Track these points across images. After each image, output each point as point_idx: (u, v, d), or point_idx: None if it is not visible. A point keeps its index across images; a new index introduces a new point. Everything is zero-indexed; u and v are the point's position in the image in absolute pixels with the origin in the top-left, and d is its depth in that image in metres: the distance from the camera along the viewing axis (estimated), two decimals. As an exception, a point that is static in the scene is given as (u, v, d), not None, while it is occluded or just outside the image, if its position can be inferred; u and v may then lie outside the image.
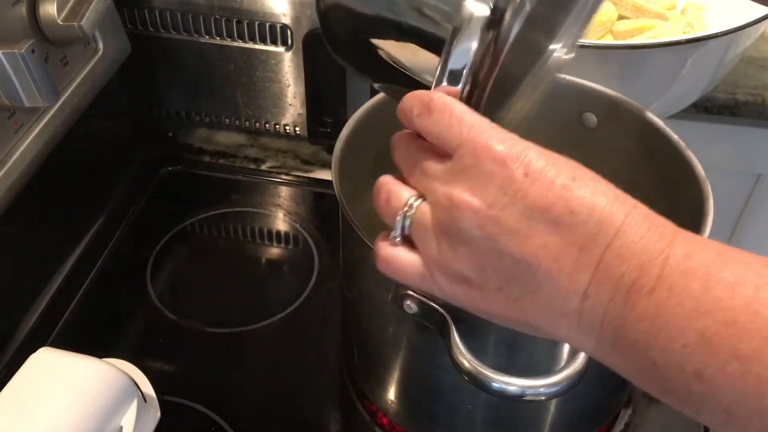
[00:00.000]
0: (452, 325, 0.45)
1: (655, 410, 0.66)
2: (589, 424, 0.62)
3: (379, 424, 0.64)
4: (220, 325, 0.71)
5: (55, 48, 0.65)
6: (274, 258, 0.81)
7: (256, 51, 0.82)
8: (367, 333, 0.60)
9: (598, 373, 0.51)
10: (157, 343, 0.70)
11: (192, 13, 0.80)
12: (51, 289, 0.73)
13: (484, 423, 0.57)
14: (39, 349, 0.54)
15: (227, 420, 0.63)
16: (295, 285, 0.76)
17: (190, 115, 0.91)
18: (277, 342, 0.70)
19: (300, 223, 0.83)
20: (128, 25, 0.81)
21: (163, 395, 0.58)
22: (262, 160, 0.91)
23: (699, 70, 0.74)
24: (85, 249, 0.78)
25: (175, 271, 0.78)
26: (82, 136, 0.72)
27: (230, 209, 0.85)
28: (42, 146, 0.64)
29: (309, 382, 0.67)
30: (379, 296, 0.52)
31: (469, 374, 0.43)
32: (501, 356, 0.50)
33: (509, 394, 0.43)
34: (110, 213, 0.82)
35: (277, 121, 0.88)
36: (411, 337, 0.53)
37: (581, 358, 0.44)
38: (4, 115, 0.60)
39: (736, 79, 0.93)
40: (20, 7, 0.60)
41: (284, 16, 0.78)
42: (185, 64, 0.85)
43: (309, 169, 0.90)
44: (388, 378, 0.60)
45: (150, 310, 0.73)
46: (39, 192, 0.68)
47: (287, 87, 0.84)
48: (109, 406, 0.51)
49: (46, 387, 0.51)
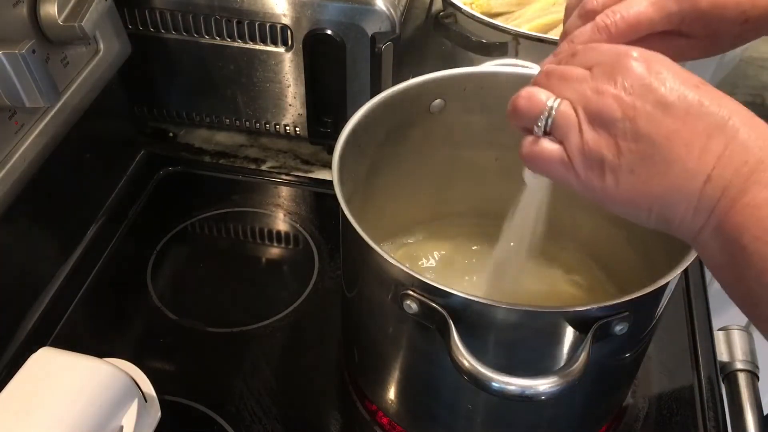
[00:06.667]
0: (452, 325, 0.45)
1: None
2: (588, 424, 0.62)
3: (379, 423, 0.64)
4: (220, 325, 0.71)
5: (55, 48, 0.65)
6: (274, 258, 0.81)
7: (257, 51, 0.82)
8: (367, 333, 0.60)
9: (598, 373, 0.52)
10: (157, 343, 0.70)
11: (192, 14, 0.80)
12: (51, 289, 0.73)
13: (483, 423, 0.57)
14: (39, 349, 0.54)
15: (227, 420, 0.63)
16: (295, 285, 0.76)
17: (190, 115, 0.91)
18: (277, 342, 0.70)
19: (300, 223, 0.83)
20: (128, 25, 0.81)
21: (163, 395, 0.58)
22: (263, 160, 0.91)
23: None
24: (85, 249, 0.78)
25: (175, 271, 0.78)
26: (83, 136, 0.73)
27: (230, 209, 0.85)
28: (42, 146, 0.64)
29: (309, 382, 0.67)
30: (379, 296, 0.52)
31: (469, 374, 0.44)
32: (501, 356, 0.50)
33: (509, 393, 0.43)
34: (110, 213, 0.82)
35: (278, 121, 0.89)
36: (411, 337, 0.53)
37: (581, 358, 0.44)
38: (4, 116, 0.60)
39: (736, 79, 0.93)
40: (21, 8, 0.60)
41: (284, 17, 0.78)
42: (185, 64, 0.85)
43: (309, 169, 0.90)
44: (388, 378, 0.60)
45: (150, 310, 0.73)
46: (39, 192, 0.68)
47: (287, 87, 0.84)
48: (109, 405, 0.51)
49: (46, 387, 0.51)
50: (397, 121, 0.61)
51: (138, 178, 0.87)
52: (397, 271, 0.47)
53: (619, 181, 0.38)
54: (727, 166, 0.35)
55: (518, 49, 0.79)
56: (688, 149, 0.36)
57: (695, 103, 0.36)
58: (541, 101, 0.40)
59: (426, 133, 0.64)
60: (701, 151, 0.36)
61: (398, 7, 0.77)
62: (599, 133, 0.38)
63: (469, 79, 0.61)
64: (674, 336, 0.71)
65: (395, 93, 0.59)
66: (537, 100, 0.40)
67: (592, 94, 0.38)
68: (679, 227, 0.38)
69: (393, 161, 0.64)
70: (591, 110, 0.38)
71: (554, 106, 0.40)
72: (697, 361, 0.69)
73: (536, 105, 0.40)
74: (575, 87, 0.39)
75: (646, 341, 0.57)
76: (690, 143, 0.36)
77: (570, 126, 0.39)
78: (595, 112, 0.38)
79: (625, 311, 0.46)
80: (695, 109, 0.36)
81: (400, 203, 0.69)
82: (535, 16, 0.87)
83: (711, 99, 0.36)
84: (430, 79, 0.61)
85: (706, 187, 0.36)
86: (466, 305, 0.45)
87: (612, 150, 0.38)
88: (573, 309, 0.46)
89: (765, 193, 0.34)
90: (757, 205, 0.34)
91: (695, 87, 0.37)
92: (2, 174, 0.60)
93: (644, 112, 0.37)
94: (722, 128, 0.36)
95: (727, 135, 0.35)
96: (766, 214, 0.34)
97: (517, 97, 0.42)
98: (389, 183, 0.66)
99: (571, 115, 0.39)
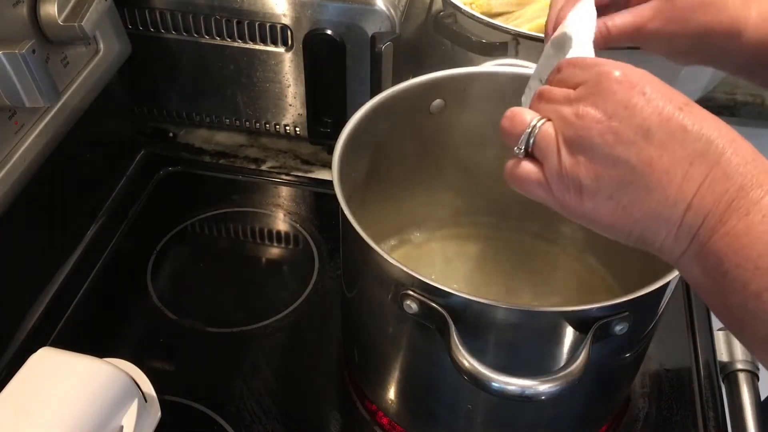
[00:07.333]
0: (452, 325, 0.45)
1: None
2: (588, 424, 0.62)
3: (379, 423, 0.64)
4: (220, 325, 0.71)
5: (55, 48, 0.65)
6: (274, 258, 0.81)
7: (257, 51, 0.82)
8: (367, 333, 0.60)
9: (598, 373, 0.52)
10: (157, 343, 0.70)
11: (192, 14, 0.80)
12: (51, 289, 0.73)
13: (483, 423, 0.57)
14: (40, 349, 0.54)
15: (227, 420, 0.63)
16: (295, 285, 0.76)
17: (190, 115, 0.91)
18: (277, 342, 0.70)
19: (300, 223, 0.83)
20: (128, 25, 0.81)
21: (163, 395, 0.58)
22: (263, 160, 0.91)
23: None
24: (85, 249, 0.78)
25: (175, 271, 0.78)
26: (83, 136, 0.72)
27: (230, 209, 0.85)
28: (43, 146, 0.64)
29: (309, 382, 0.67)
30: (379, 296, 0.52)
31: (469, 374, 0.44)
32: (501, 356, 0.50)
33: (509, 393, 0.43)
34: (110, 213, 0.82)
35: (278, 121, 0.89)
36: (411, 337, 0.53)
37: (581, 358, 0.44)
38: (4, 116, 0.60)
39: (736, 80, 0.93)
40: (21, 8, 0.60)
41: (284, 17, 0.78)
42: (185, 64, 0.85)
43: (309, 169, 0.90)
44: (388, 378, 0.60)
45: (150, 310, 0.73)
46: (39, 192, 0.68)
47: (287, 87, 0.84)
48: (109, 405, 0.51)
49: (46, 387, 0.51)
50: (397, 121, 0.61)
51: (138, 178, 0.87)
52: (397, 271, 0.47)
53: (598, 206, 0.38)
54: (708, 195, 0.35)
55: (518, 49, 0.79)
56: (669, 177, 0.35)
57: (678, 128, 0.36)
58: (524, 122, 0.40)
59: (426, 133, 0.64)
60: (682, 179, 0.35)
61: (398, 7, 0.77)
62: (577, 158, 0.37)
63: (469, 79, 0.61)
64: (674, 336, 0.71)
65: (395, 93, 0.59)
66: (519, 121, 0.40)
67: (573, 117, 0.38)
68: (660, 250, 0.38)
69: (393, 161, 0.64)
70: (570, 134, 0.38)
71: (537, 125, 0.39)
72: (697, 361, 0.69)
73: (518, 125, 0.40)
74: (557, 109, 0.39)
75: (646, 341, 0.57)
76: (671, 170, 0.35)
77: (549, 148, 0.39)
78: (574, 137, 0.37)
79: (625, 311, 0.46)
80: (678, 135, 0.35)
81: (400, 203, 0.69)
82: (535, 16, 0.87)
83: (694, 122, 0.36)
84: (430, 79, 0.61)
85: (687, 214, 0.36)
86: (466, 305, 0.45)
87: (590, 175, 0.37)
88: (573, 309, 0.46)
89: (745, 221, 0.34)
90: (737, 233, 0.34)
91: (679, 109, 0.36)
92: (2, 174, 0.60)
93: (625, 137, 0.36)
94: (704, 155, 0.35)
95: (709, 162, 0.35)
96: (746, 242, 0.34)
97: (504, 116, 0.42)
98: (389, 183, 0.66)
99: (551, 136, 0.39)
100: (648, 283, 0.46)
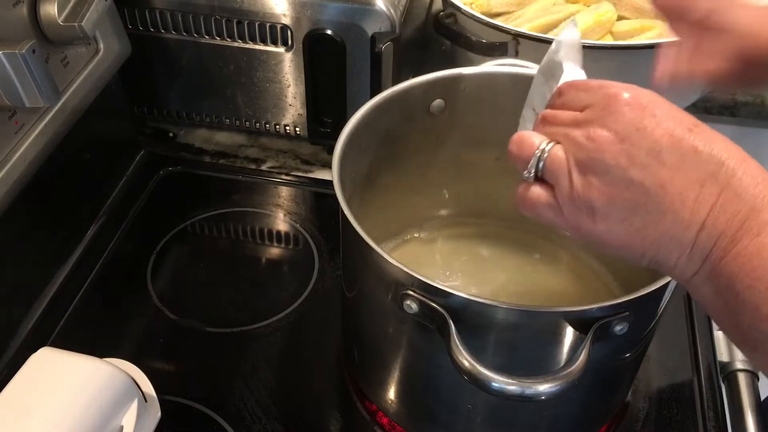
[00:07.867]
0: (452, 325, 0.45)
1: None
2: (589, 424, 0.62)
3: (379, 424, 0.64)
4: (220, 325, 0.71)
5: (55, 48, 0.65)
6: (274, 258, 0.81)
7: (257, 51, 0.82)
8: (367, 333, 0.60)
9: (597, 373, 0.52)
10: (157, 343, 0.70)
11: (192, 14, 0.80)
12: (51, 289, 0.73)
13: (483, 423, 0.57)
14: (39, 349, 0.54)
15: (227, 420, 0.63)
16: (295, 285, 0.76)
17: (190, 115, 0.91)
18: (277, 342, 0.70)
19: (300, 223, 0.83)
20: (128, 25, 0.81)
21: (163, 395, 0.58)
22: (263, 160, 0.91)
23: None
24: (85, 249, 0.78)
25: (175, 271, 0.78)
26: (83, 136, 0.72)
27: (230, 209, 0.85)
28: (43, 146, 0.64)
29: (309, 382, 0.67)
30: (379, 296, 0.52)
31: (469, 374, 0.44)
32: (501, 356, 0.50)
33: (509, 393, 0.43)
34: (110, 213, 0.82)
35: (278, 121, 0.89)
36: (411, 337, 0.53)
37: (581, 358, 0.44)
38: (4, 116, 0.60)
39: (736, 80, 0.92)
40: (21, 8, 0.60)
41: (284, 17, 0.78)
42: (185, 64, 0.85)
43: (309, 169, 0.90)
44: (388, 378, 0.60)
45: (150, 310, 0.73)
46: (39, 192, 0.68)
47: (287, 87, 0.84)
48: (109, 405, 0.51)
49: (46, 387, 0.51)
50: (398, 121, 0.61)
51: (138, 178, 0.87)
52: (397, 271, 0.47)
53: (611, 229, 0.37)
54: (720, 216, 0.35)
55: (518, 49, 0.79)
56: (682, 199, 0.35)
57: (689, 150, 0.35)
58: (533, 145, 0.40)
59: (426, 133, 0.64)
60: (695, 200, 0.35)
61: (398, 7, 0.77)
62: (589, 181, 0.37)
63: (469, 79, 0.61)
64: (674, 336, 0.71)
65: (395, 93, 0.59)
66: (528, 145, 0.40)
67: (584, 139, 0.38)
68: (673, 271, 0.38)
69: (393, 161, 0.64)
70: (582, 157, 0.38)
71: (546, 149, 0.39)
72: (697, 361, 0.69)
73: (527, 149, 0.40)
74: (566, 132, 0.39)
75: (646, 341, 0.57)
76: (684, 192, 0.35)
77: (560, 171, 0.38)
78: (587, 159, 0.37)
79: (625, 311, 0.46)
80: (690, 157, 0.35)
81: (400, 203, 0.69)
82: (535, 16, 0.87)
83: (705, 143, 0.36)
84: (430, 79, 0.61)
85: (700, 236, 0.36)
86: (466, 305, 0.45)
87: (603, 197, 0.37)
88: (573, 309, 0.46)
89: (756, 241, 0.34)
90: (748, 254, 0.34)
91: (689, 130, 0.36)
92: (2, 174, 0.60)
93: (638, 160, 0.36)
94: (715, 176, 0.35)
95: (721, 183, 0.35)
96: (758, 264, 0.34)
97: (511, 141, 0.42)
98: (389, 183, 0.66)
99: (562, 159, 0.39)
100: (648, 283, 0.46)
